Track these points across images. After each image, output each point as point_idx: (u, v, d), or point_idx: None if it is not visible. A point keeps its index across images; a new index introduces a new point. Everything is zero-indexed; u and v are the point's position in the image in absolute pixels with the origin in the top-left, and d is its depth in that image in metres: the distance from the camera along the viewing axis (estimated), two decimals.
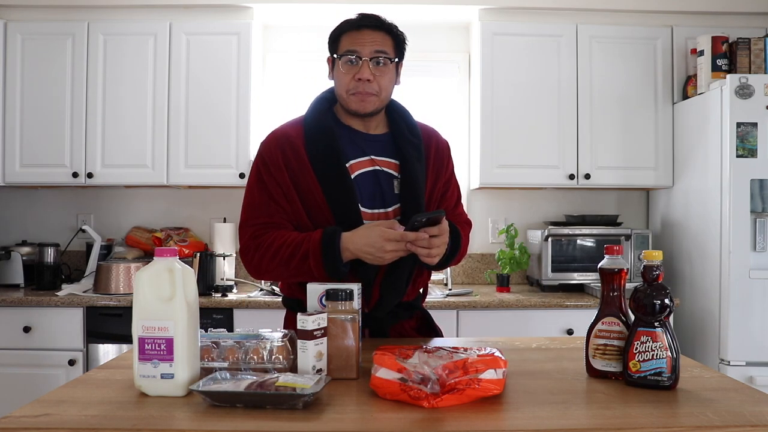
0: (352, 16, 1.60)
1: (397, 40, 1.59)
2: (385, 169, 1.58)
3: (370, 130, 1.62)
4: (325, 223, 1.52)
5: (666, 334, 1.15)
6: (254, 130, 3.13)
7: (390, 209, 1.57)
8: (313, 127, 1.58)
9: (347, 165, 1.55)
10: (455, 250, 1.59)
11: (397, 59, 1.59)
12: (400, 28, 1.61)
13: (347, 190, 1.51)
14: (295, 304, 1.63)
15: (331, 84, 1.64)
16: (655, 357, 1.14)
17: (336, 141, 1.55)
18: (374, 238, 1.40)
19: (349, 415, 1.01)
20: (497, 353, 1.12)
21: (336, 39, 1.60)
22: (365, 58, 1.53)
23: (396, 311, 1.61)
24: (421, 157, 1.61)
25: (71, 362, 2.77)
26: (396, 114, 1.66)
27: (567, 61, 3.10)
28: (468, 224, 1.76)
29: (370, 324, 1.57)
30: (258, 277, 1.59)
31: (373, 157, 1.59)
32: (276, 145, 1.58)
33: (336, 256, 1.43)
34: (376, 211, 1.56)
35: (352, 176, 1.54)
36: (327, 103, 1.63)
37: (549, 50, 3.11)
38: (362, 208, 1.53)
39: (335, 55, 1.58)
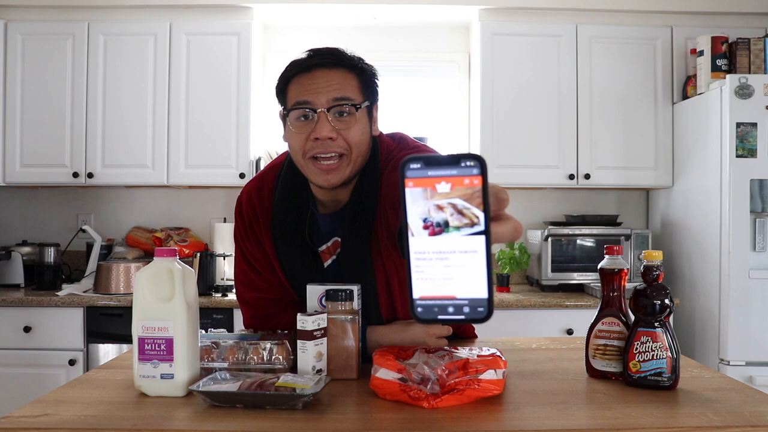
0: (301, 54, 1.25)
1: (363, 77, 1.24)
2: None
3: (338, 205, 1.31)
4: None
5: (666, 335, 1.15)
6: (254, 130, 3.13)
7: None
8: (281, 206, 1.31)
9: (319, 249, 1.31)
10: None
11: (367, 102, 1.24)
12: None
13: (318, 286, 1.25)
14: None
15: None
16: (655, 357, 1.14)
17: (305, 229, 1.28)
18: (418, 337, 1.25)
19: (349, 415, 1.01)
20: (497, 353, 1.12)
21: (283, 88, 1.26)
22: (321, 110, 1.19)
23: None
24: (369, 231, 1.27)
25: (71, 362, 2.77)
26: (366, 179, 1.28)
27: (567, 61, 3.10)
28: None
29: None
30: None
31: (336, 238, 1.32)
32: (247, 215, 1.35)
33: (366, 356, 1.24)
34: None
35: (326, 264, 1.32)
36: (301, 175, 1.29)
37: (549, 50, 3.11)
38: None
39: (284, 110, 1.25)
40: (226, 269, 3.06)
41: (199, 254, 2.91)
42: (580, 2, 3.12)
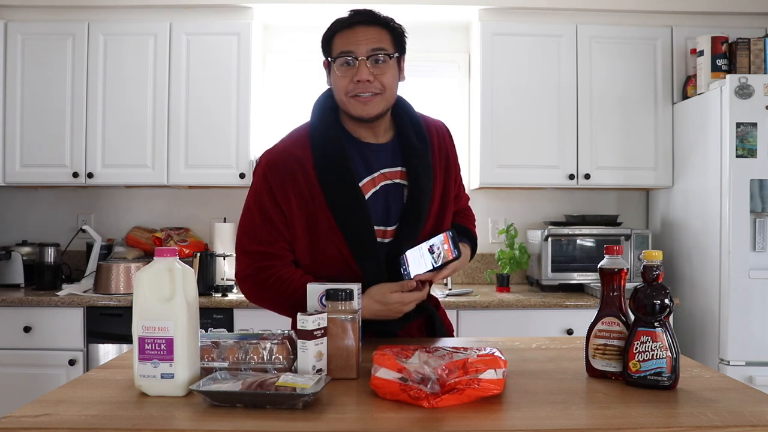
0: (344, 14, 1.49)
1: (394, 34, 1.48)
2: (396, 181, 1.52)
3: (378, 138, 1.53)
4: (334, 249, 1.46)
5: (666, 334, 1.15)
6: (254, 130, 3.13)
7: (395, 226, 1.51)
8: (321, 146, 1.47)
9: (360, 185, 1.47)
10: (471, 256, 1.68)
11: (397, 54, 1.48)
12: (397, 21, 1.51)
13: (362, 217, 1.45)
14: None
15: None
16: (655, 357, 1.14)
17: (348, 162, 1.46)
18: (393, 305, 1.43)
19: (349, 415, 1.01)
20: (497, 353, 1.12)
21: (329, 41, 1.48)
22: (362, 58, 1.42)
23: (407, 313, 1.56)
24: (429, 163, 1.53)
25: (71, 362, 2.77)
26: (402, 115, 1.55)
27: (567, 62, 3.10)
28: (469, 209, 1.79)
29: (378, 325, 1.51)
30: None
31: (383, 171, 1.51)
32: (284, 169, 1.47)
33: None
34: (385, 228, 1.50)
35: (366, 196, 1.47)
36: (332, 113, 1.52)
37: (549, 50, 3.11)
38: (375, 227, 1.48)
39: (329, 58, 1.48)
40: (226, 269, 3.06)
41: (199, 254, 2.91)
42: (580, 2, 3.12)
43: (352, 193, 1.45)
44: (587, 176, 3.10)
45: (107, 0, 3.09)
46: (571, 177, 3.10)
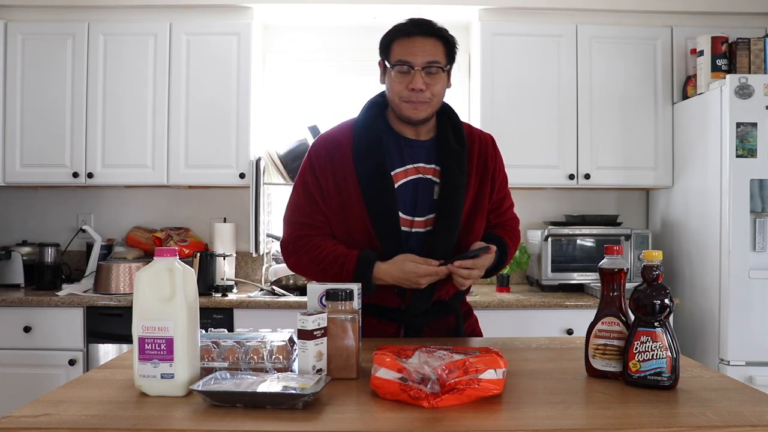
0: (403, 20, 1.60)
1: (448, 45, 1.60)
2: (428, 176, 1.61)
3: (420, 136, 1.64)
4: (362, 229, 1.56)
5: (666, 334, 1.15)
6: (254, 130, 3.13)
7: (428, 217, 1.59)
8: (362, 134, 1.60)
9: (392, 174, 1.57)
10: (500, 264, 1.68)
11: (448, 66, 1.60)
12: (450, 32, 1.61)
13: (388, 201, 1.55)
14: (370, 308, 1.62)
15: (382, 88, 1.65)
16: (655, 357, 1.14)
17: (383, 150, 1.58)
18: (409, 273, 1.48)
19: (349, 415, 1.01)
20: (497, 353, 1.12)
21: (387, 45, 1.59)
22: (417, 68, 1.53)
23: (430, 310, 1.62)
24: (464, 164, 1.61)
25: (71, 362, 2.77)
26: (444, 118, 1.66)
27: (567, 61, 3.10)
28: (516, 220, 1.84)
29: (405, 321, 1.62)
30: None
31: (416, 165, 1.61)
32: (324, 149, 1.62)
33: (369, 285, 1.50)
34: (414, 218, 1.59)
35: (397, 185, 1.57)
36: (378, 109, 1.65)
37: (549, 50, 3.11)
38: (401, 215, 1.57)
39: (387, 63, 1.59)
40: (226, 269, 3.06)
41: (199, 254, 2.91)
42: (580, 2, 3.11)
43: (382, 177, 1.56)
44: (587, 176, 3.10)
45: (107, 0, 3.09)
46: (571, 177, 3.10)
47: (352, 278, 1.50)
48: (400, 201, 1.57)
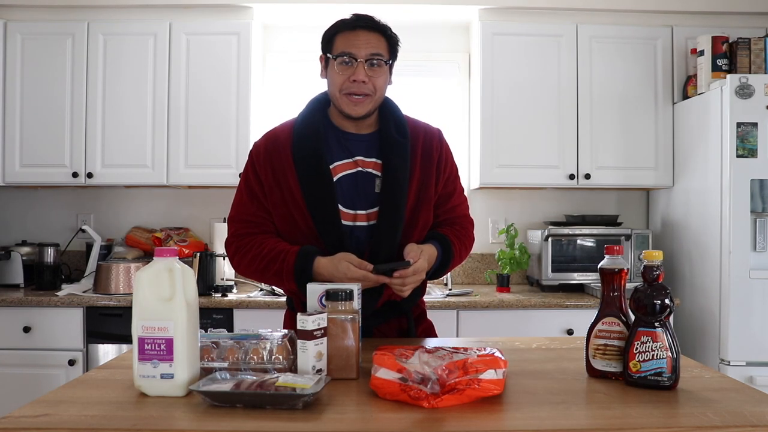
0: (347, 16, 1.61)
1: (390, 42, 1.61)
2: (368, 170, 1.59)
3: (361, 130, 1.63)
4: (303, 222, 1.55)
5: (666, 334, 1.15)
6: (254, 130, 3.13)
7: (370, 210, 1.57)
8: (301, 129, 1.61)
9: (331, 167, 1.57)
10: (445, 264, 1.61)
11: (390, 61, 1.60)
12: (394, 30, 1.62)
13: (327, 193, 1.54)
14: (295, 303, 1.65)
15: (324, 83, 1.64)
16: (655, 357, 1.14)
17: (321, 143, 1.58)
18: (341, 273, 1.45)
19: (349, 415, 1.01)
20: (497, 353, 1.12)
21: (330, 39, 1.60)
22: (360, 60, 1.54)
23: (380, 311, 1.60)
24: (406, 155, 1.60)
25: (71, 362, 2.77)
26: (387, 112, 1.65)
27: (567, 61, 3.10)
28: (468, 220, 1.75)
29: None
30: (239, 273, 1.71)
31: (355, 158, 1.60)
32: (263, 145, 1.63)
33: (310, 279, 1.47)
34: (356, 212, 1.57)
35: (336, 177, 1.56)
36: (320, 105, 1.65)
37: (549, 50, 3.11)
38: (342, 209, 1.56)
39: (330, 55, 1.59)
40: (226, 269, 3.06)
41: (198, 254, 2.91)
42: (580, 2, 3.11)
43: (320, 170, 1.55)
44: (587, 176, 3.10)
45: (107, 0, 3.09)
46: (572, 177, 3.10)
47: (293, 274, 1.48)
48: (339, 194, 1.55)
